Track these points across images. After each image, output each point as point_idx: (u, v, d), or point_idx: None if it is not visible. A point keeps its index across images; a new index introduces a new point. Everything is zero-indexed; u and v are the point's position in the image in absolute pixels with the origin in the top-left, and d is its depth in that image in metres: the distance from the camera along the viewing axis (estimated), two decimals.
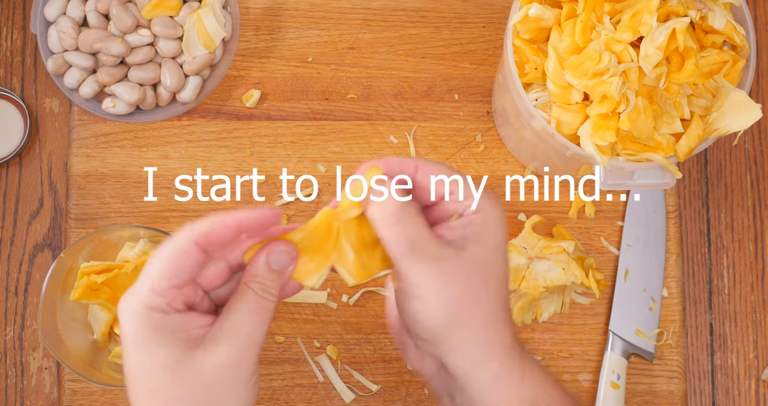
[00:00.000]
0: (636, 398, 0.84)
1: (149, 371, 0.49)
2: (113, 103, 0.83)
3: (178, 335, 0.49)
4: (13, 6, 0.91)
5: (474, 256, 0.52)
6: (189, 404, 0.49)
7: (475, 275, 0.52)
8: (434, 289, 0.51)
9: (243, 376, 0.49)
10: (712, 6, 0.69)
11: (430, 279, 0.51)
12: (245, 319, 0.50)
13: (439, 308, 0.51)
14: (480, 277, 0.52)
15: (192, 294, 0.51)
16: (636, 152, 0.70)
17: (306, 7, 0.88)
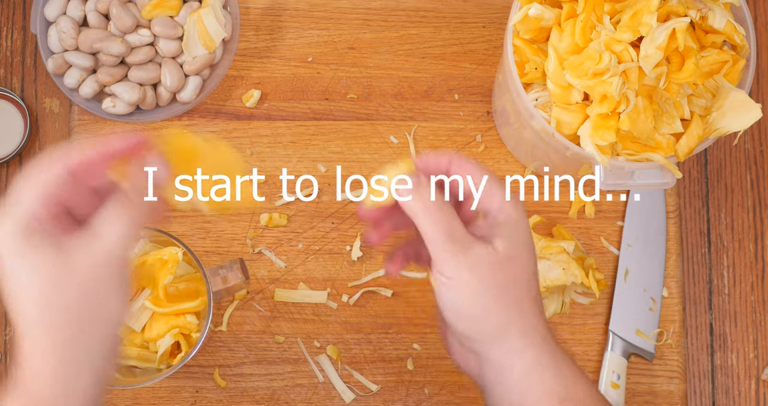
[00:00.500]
0: (636, 398, 0.84)
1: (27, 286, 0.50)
2: (113, 103, 0.83)
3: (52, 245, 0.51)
4: (13, 6, 0.91)
5: (503, 251, 0.54)
6: (69, 312, 0.50)
7: (507, 268, 0.54)
8: (469, 281, 0.54)
9: (117, 278, 0.51)
10: (712, 6, 0.69)
11: (465, 272, 0.53)
12: (116, 217, 0.52)
13: (474, 299, 0.54)
14: (511, 271, 0.54)
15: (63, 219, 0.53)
16: (636, 152, 0.70)
17: (306, 7, 0.88)
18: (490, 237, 0.55)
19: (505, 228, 0.55)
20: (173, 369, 0.73)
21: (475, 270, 0.54)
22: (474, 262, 0.54)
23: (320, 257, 0.84)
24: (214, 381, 0.83)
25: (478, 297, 0.54)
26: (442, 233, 0.54)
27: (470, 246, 0.54)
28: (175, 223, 0.85)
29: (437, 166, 0.56)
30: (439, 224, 0.54)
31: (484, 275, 0.54)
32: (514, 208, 0.56)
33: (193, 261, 0.75)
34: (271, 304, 0.84)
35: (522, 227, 0.56)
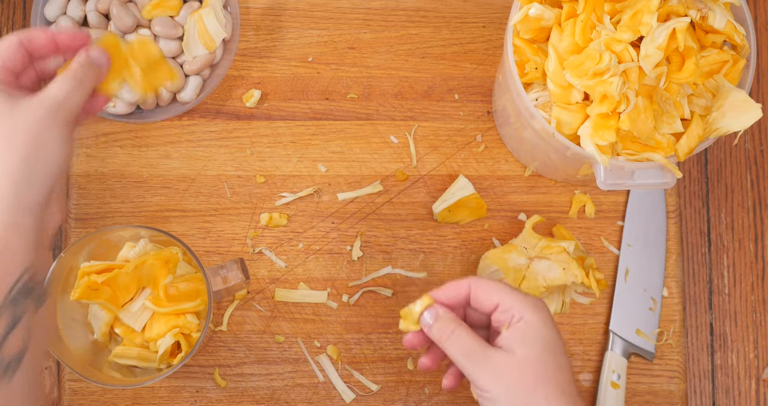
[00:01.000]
0: (636, 397, 0.84)
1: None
2: (113, 102, 0.83)
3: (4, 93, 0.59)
4: (13, 6, 0.91)
5: (522, 356, 0.62)
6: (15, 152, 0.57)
7: (527, 371, 0.62)
8: (497, 389, 0.62)
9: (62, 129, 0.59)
10: (713, 6, 0.69)
11: (490, 381, 0.62)
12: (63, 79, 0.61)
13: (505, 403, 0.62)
14: (531, 372, 0.62)
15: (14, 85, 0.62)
16: (636, 152, 0.70)
17: (306, 7, 0.88)
18: (512, 345, 0.63)
19: (524, 333, 0.63)
20: (173, 369, 0.73)
21: (499, 378, 0.62)
22: (496, 370, 0.62)
23: (320, 257, 0.84)
24: (215, 381, 0.83)
25: (510, 402, 0.62)
26: (461, 354, 0.63)
27: (490, 358, 0.62)
28: (175, 223, 0.85)
29: (457, 295, 0.66)
30: (457, 346, 0.63)
31: (509, 381, 0.62)
32: (531, 313, 0.63)
33: (193, 261, 0.75)
34: (271, 304, 0.84)
35: (539, 329, 0.63)
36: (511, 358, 0.62)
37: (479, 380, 0.62)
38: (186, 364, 0.82)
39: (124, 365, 0.76)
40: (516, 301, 0.64)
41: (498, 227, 0.85)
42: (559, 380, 0.62)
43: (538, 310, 0.64)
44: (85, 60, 0.62)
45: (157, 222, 0.85)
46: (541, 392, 0.61)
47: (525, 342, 0.63)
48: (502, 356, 0.62)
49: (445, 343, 0.64)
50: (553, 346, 0.63)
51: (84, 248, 0.75)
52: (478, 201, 0.83)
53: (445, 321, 0.65)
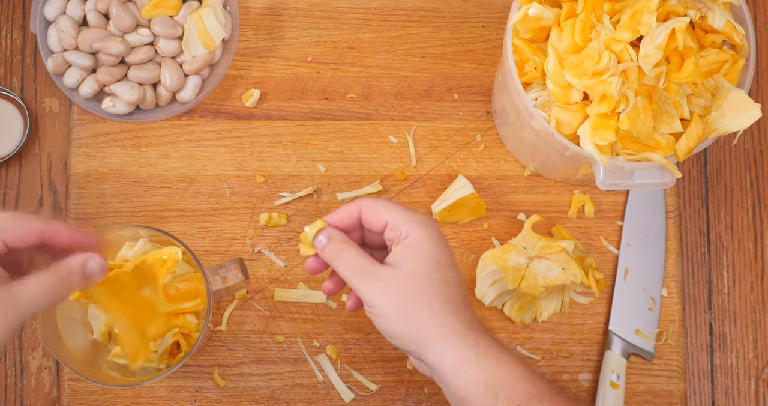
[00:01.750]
0: (636, 397, 0.84)
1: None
2: (113, 102, 0.83)
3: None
4: (13, 5, 0.91)
5: (407, 270, 0.63)
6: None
7: (411, 285, 0.63)
8: (383, 303, 0.63)
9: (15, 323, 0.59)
10: (712, 6, 0.69)
11: (377, 296, 0.63)
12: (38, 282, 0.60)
13: (393, 318, 0.63)
14: (416, 286, 0.63)
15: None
16: (635, 152, 0.70)
17: (306, 7, 0.88)
18: (398, 261, 0.64)
19: (410, 249, 0.64)
20: (173, 369, 0.73)
21: (384, 293, 0.63)
22: (382, 286, 0.63)
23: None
24: (214, 381, 0.83)
25: (395, 315, 0.63)
26: (350, 271, 0.64)
27: (377, 273, 0.63)
28: (175, 223, 0.85)
29: (349, 217, 0.67)
30: (346, 265, 0.64)
31: (394, 295, 0.63)
32: (417, 229, 0.64)
33: (192, 261, 0.75)
34: (270, 303, 0.84)
35: (425, 244, 0.64)
36: (397, 273, 0.63)
37: (367, 296, 0.63)
38: (185, 364, 0.82)
39: (123, 365, 0.76)
40: (402, 218, 0.65)
41: (497, 227, 0.85)
42: (443, 292, 0.63)
43: (423, 226, 0.65)
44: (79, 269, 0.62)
45: (157, 222, 0.85)
46: (424, 303, 0.62)
47: (410, 257, 0.63)
48: (388, 271, 0.63)
49: (335, 262, 0.65)
50: (438, 260, 0.64)
51: None
52: (478, 201, 0.83)
53: (336, 241, 0.65)
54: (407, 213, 0.66)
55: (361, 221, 0.68)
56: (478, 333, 0.63)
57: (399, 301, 0.63)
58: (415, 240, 0.64)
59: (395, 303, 0.63)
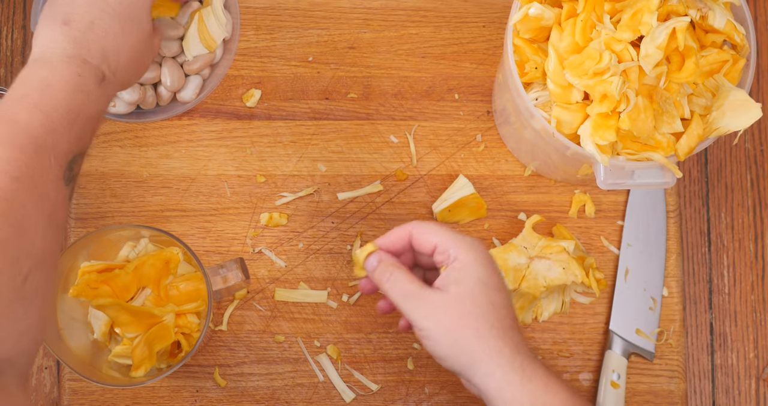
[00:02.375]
0: (636, 397, 0.84)
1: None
2: (113, 102, 0.83)
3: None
4: (13, 5, 0.91)
5: (454, 294, 0.64)
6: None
7: (458, 308, 0.64)
8: (431, 326, 0.64)
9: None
10: (713, 5, 0.69)
11: (425, 319, 0.64)
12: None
13: (441, 341, 0.64)
14: (462, 309, 0.64)
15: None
16: (636, 151, 0.70)
17: (306, 7, 0.88)
18: (447, 284, 0.65)
19: (458, 273, 0.65)
20: (173, 369, 0.73)
21: (433, 316, 0.64)
22: (430, 309, 0.64)
23: (320, 257, 0.84)
24: (215, 381, 0.83)
25: (443, 338, 0.64)
26: (399, 295, 0.66)
27: (425, 297, 0.65)
28: (175, 223, 0.85)
29: (400, 240, 0.69)
30: (395, 288, 0.66)
31: (441, 318, 0.64)
32: (465, 253, 0.65)
33: (193, 261, 0.75)
34: (271, 303, 0.84)
35: (472, 268, 0.65)
36: (445, 296, 0.64)
37: (415, 319, 0.65)
38: (186, 364, 0.82)
39: (124, 365, 0.76)
40: (451, 242, 0.66)
41: (498, 227, 0.85)
42: (490, 315, 0.64)
43: (472, 250, 0.66)
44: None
45: (157, 222, 0.85)
46: (471, 327, 0.64)
47: (458, 281, 0.65)
48: (436, 295, 0.65)
49: (385, 285, 0.67)
50: (486, 283, 0.65)
51: (84, 247, 0.75)
52: (478, 201, 0.83)
53: (385, 265, 0.67)
54: (456, 236, 0.67)
55: (411, 244, 0.69)
56: (525, 357, 0.64)
57: (446, 324, 0.64)
58: (463, 264, 0.65)
59: (442, 326, 0.64)
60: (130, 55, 0.65)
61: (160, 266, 0.75)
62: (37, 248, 0.54)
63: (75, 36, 0.62)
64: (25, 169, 0.55)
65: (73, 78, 0.60)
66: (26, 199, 0.54)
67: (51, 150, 0.57)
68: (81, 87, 0.60)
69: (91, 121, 0.61)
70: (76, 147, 0.59)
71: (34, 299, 0.54)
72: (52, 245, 0.56)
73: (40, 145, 0.56)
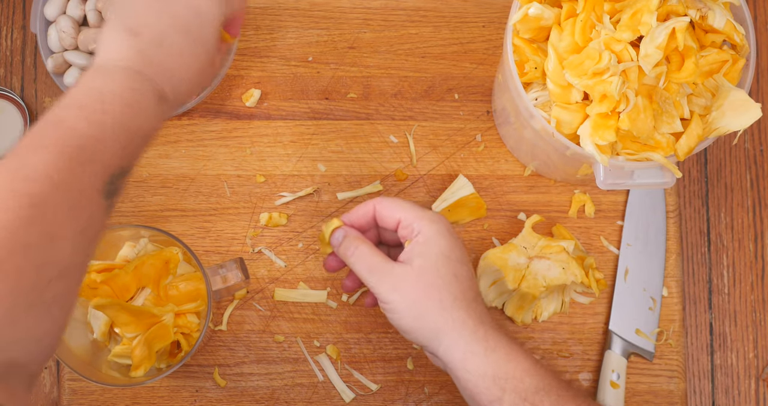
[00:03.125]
0: (636, 397, 0.84)
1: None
2: None
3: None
4: (13, 6, 0.91)
5: (418, 267, 0.65)
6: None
7: (422, 280, 0.65)
8: (395, 299, 0.65)
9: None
10: (712, 5, 0.69)
11: (390, 292, 0.65)
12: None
13: (405, 313, 0.65)
14: (426, 281, 0.65)
15: None
16: (636, 151, 0.70)
17: (306, 7, 0.88)
18: (410, 257, 0.66)
19: (421, 246, 0.66)
20: (173, 368, 0.73)
21: (398, 289, 0.65)
22: (395, 282, 0.65)
23: (320, 257, 0.84)
24: (214, 380, 0.83)
25: (407, 311, 0.65)
26: (364, 269, 0.67)
27: (390, 270, 0.66)
28: (175, 222, 0.85)
29: (365, 215, 0.70)
30: (360, 262, 0.67)
31: (406, 291, 0.65)
32: (429, 226, 0.66)
33: (193, 261, 0.75)
34: (270, 303, 0.84)
35: (435, 241, 0.66)
36: (408, 269, 0.65)
37: (380, 292, 0.66)
38: (186, 363, 0.82)
39: (123, 365, 0.76)
40: (414, 216, 0.67)
41: (498, 227, 0.85)
42: (453, 287, 0.65)
43: (434, 223, 0.67)
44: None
45: (157, 222, 0.85)
46: (435, 299, 0.65)
47: (421, 254, 0.66)
48: (401, 268, 0.66)
49: (350, 259, 0.68)
50: (449, 256, 0.66)
51: None
52: (478, 201, 0.83)
53: (350, 239, 0.68)
54: (419, 210, 0.67)
55: (376, 220, 0.70)
56: (488, 328, 0.65)
57: (411, 297, 0.65)
58: (426, 237, 0.66)
59: (407, 299, 0.65)
60: (192, 77, 0.63)
61: (159, 266, 0.75)
62: (65, 258, 0.53)
63: (142, 49, 0.60)
64: (66, 176, 0.53)
65: (131, 93, 0.58)
66: (62, 208, 0.53)
67: (96, 161, 0.55)
68: (138, 102, 0.58)
69: (143, 138, 0.59)
70: (122, 161, 0.58)
71: (53, 307, 0.53)
72: (82, 258, 0.55)
73: (85, 154, 0.55)
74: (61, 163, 0.54)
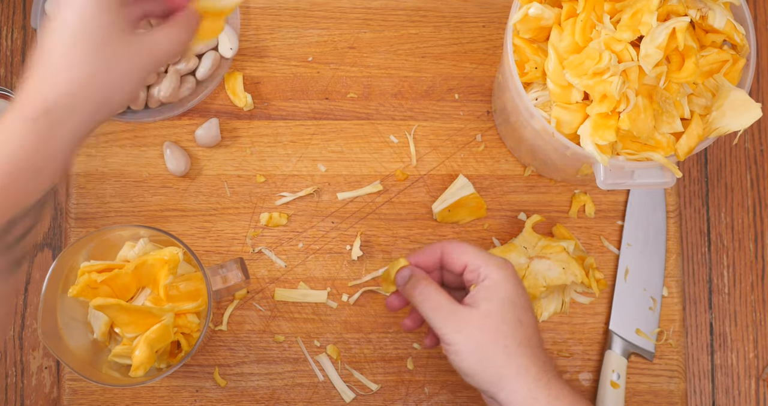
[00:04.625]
0: (636, 397, 0.84)
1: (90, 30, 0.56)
2: None
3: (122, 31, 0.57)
4: (13, 5, 0.91)
5: (484, 310, 0.66)
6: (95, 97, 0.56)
7: (488, 324, 0.66)
8: (459, 341, 0.66)
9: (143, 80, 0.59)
10: (712, 5, 0.69)
11: (454, 334, 0.66)
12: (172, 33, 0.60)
13: (469, 356, 0.66)
14: (491, 325, 0.66)
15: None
16: (636, 151, 0.70)
17: (306, 7, 0.88)
18: (476, 301, 0.67)
19: (487, 290, 0.67)
20: (173, 369, 0.73)
21: (462, 330, 0.66)
22: (460, 323, 0.66)
23: (320, 257, 0.84)
24: (214, 380, 0.83)
25: (471, 353, 0.66)
26: (431, 310, 0.68)
27: (456, 312, 0.67)
28: (175, 222, 0.85)
29: (431, 256, 0.71)
30: (427, 302, 0.68)
31: (470, 333, 0.66)
32: (496, 271, 0.68)
33: (193, 261, 0.75)
34: (271, 303, 0.84)
35: (502, 286, 0.67)
36: (474, 312, 0.66)
37: (445, 333, 0.67)
38: (186, 363, 0.82)
39: (124, 365, 0.76)
40: (482, 260, 0.69)
41: (498, 227, 0.85)
42: (518, 333, 0.66)
43: (501, 268, 0.68)
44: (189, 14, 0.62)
45: (157, 222, 0.85)
46: (500, 343, 0.65)
47: (487, 298, 0.67)
48: (466, 311, 0.67)
49: (416, 298, 0.69)
50: (514, 302, 0.67)
51: (84, 247, 0.75)
52: (478, 201, 0.83)
53: (417, 278, 0.70)
54: (486, 256, 0.69)
55: (442, 262, 0.71)
56: (552, 376, 0.66)
57: (475, 339, 0.66)
58: (493, 282, 0.68)
59: (471, 341, 0.66)
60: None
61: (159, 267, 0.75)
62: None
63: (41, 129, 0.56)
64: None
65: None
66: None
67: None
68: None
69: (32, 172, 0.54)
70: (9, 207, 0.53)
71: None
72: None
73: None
74: None
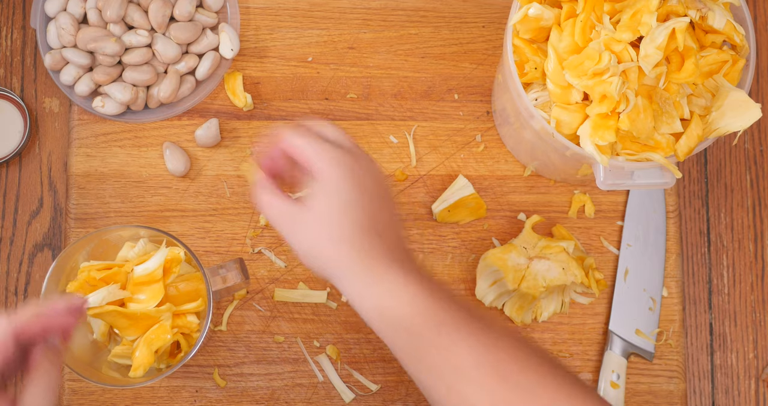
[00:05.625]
0: (636, 397, 0.84)
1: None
2: (102, 102, 0.83)
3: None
4: (13, 5, 0.91)
5: (313, 208, 0.64)
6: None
7: (317, 220, 0.64)
8: (294, 242, 0.66)
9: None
10: (712, 6, 0.69)
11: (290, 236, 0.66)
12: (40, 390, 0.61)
13: (305, 255, 0.65)
14: (321, 222, 0.64)
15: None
16: (636, 152, 0.70)
17: (306, 7, 0.88)
18: (310, 201, 0.65)
19: (319, 185, 0.64)
20: (173, 369, 0.73)
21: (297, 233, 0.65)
22: (296, 226, 0.65)
23: None
24: (214, 381, 0.83)
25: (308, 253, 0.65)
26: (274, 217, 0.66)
27: (293, 215, 0.65)
28: (175, 223, 0.85)
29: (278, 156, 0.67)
30: (270, 211, 0.66)
31: (304, 235, 0.65)
32: (328, 164, 0.64)
33: (193, 261, 0.75)
34: (270, 304, 0.84)
35: (332, 178, 0.64)
36: (306, 213, 0.65)
37: (285, 237, 0.66)
38: (186, 364, 0.82)
39: (123, 365, 0.76)
40: (315, 157, 0.65)
41: (497, 227, 0.85)
42: (345, 227, 0.64)
43: (334, 165, 0.64)
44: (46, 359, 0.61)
45: (157, 222, 0.85)
46: (330, 238, 0.64)
47: (318, 193, 0.64)
48: (302, 213, 0.65)
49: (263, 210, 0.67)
50: (342, 187, 0.64)
51: (83, 247, 0.75)
52: (478, 201, 0.83)
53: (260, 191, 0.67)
54: (319, 151, 0.65)
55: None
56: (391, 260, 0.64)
57: (308, 237, 0.65)
58: (324, 175, 0.64)
59: (305, 242, 0.65)
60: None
61: None
62: None
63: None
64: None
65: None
66: None
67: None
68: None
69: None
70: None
71: None
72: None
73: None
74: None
